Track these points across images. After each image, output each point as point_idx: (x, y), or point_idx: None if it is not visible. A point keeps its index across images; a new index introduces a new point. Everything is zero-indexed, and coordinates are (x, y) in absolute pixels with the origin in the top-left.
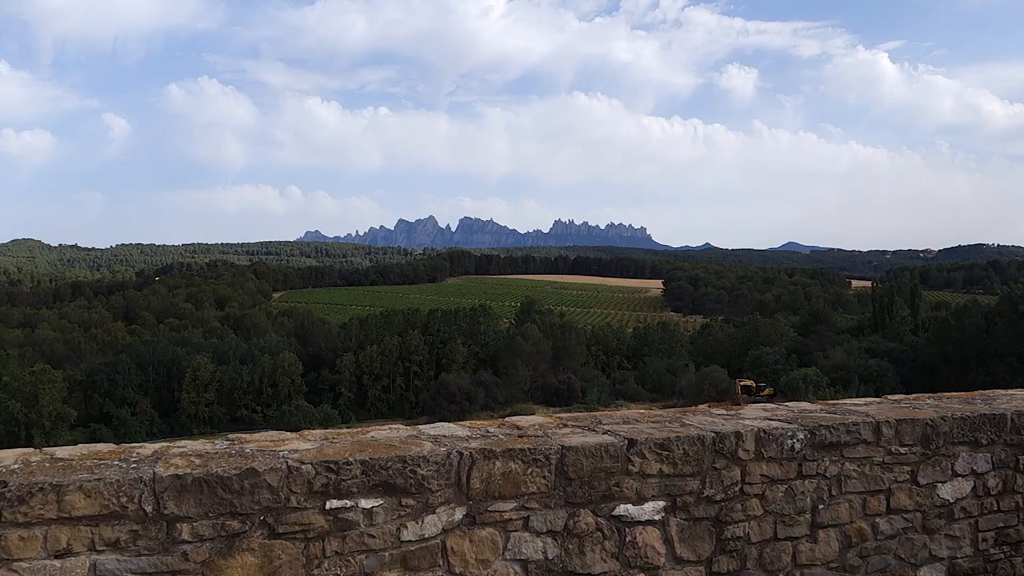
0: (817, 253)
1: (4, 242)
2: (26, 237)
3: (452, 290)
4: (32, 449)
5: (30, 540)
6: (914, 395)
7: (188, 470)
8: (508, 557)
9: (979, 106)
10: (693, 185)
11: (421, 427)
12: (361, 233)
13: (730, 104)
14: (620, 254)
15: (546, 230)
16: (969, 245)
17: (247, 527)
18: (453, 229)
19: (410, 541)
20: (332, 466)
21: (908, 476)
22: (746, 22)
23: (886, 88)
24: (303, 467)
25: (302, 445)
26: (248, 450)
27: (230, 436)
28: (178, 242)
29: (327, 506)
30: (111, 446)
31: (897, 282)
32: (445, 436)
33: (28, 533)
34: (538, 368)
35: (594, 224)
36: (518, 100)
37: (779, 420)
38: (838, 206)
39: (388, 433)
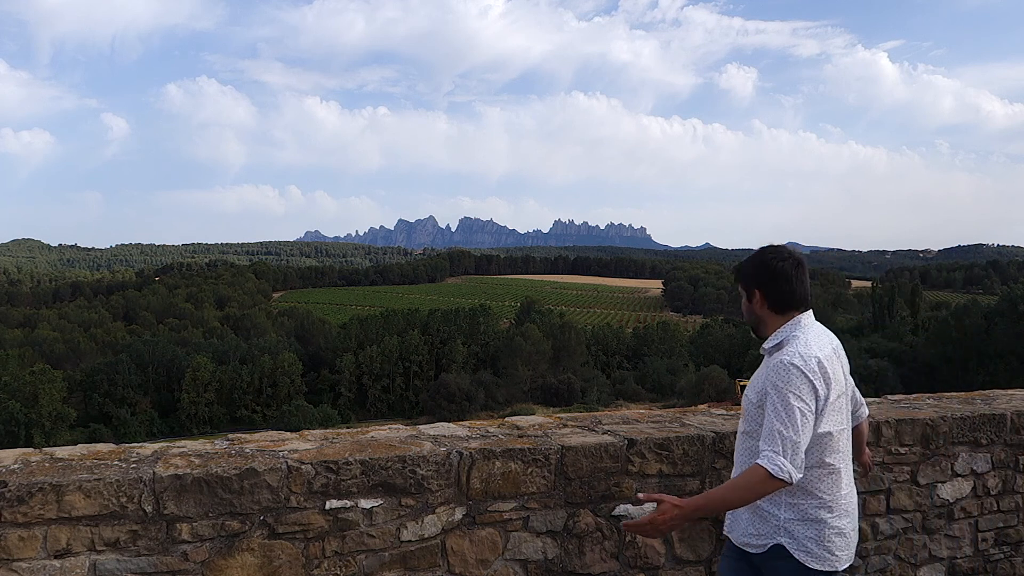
0: (817, 253)
1: (4, 242)
2: (26, 237)
3: (452, 290)
4: (32, 449)
5: (30, 540)
6: (914, 395)
7: (188, 470)
8: (508, 557)
9: (979, 106)
10: (693, 185)
11: (421, 427)
12: (361, 233)
13: (729, 104)
14: (620, 254)
15: (546, 230)
16: (969, 245)
17: (247, 527)
18: (453, 229)
19: (410, 541)
20: (332, 466)
21: (908, 476)
22: (745, 22)
23: (886, 88)
24: (303, 467)
25: (302, 445)
26: (248, 450)
27: (230, 436)
28: (178, 242)
29: (327, 506)
30: (111, 446)
31: (897, 282)
32: (445, 436)
33: (28, 533)
34: (538, 368)
35: (594, 224)
36: (517, 100)
37: None
38: (838, 206)
39: (388, 433)
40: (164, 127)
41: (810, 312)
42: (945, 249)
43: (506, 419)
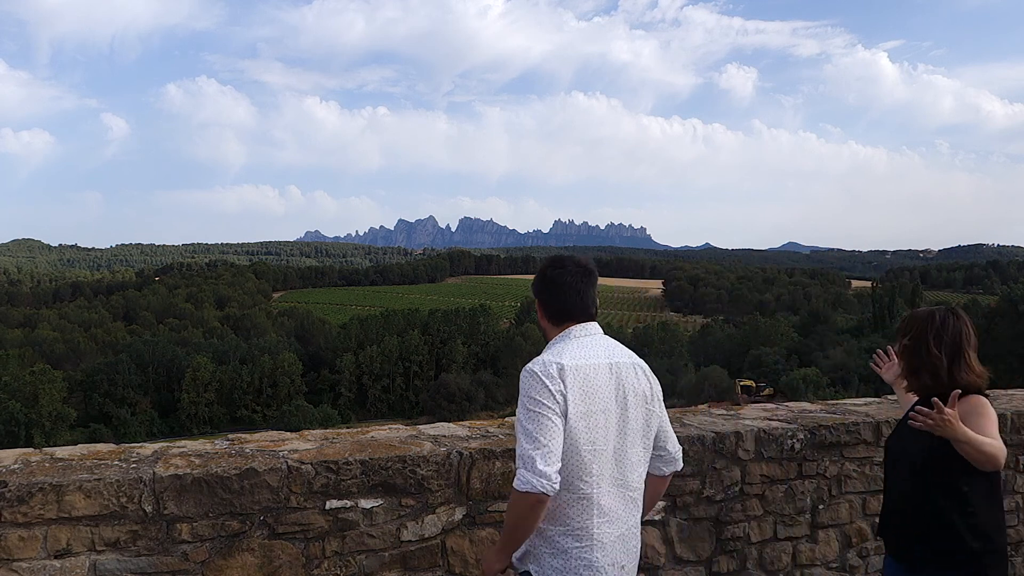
0: (817, 253)
1: (4, 242)
2: (26, 237)
3: (452, 290)
4: (32, 449)
5: (30, 540)
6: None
7: (188, 470)
8: None
9: (979, 106)
10: (693, 185)
11: (421, 427)
12: (361, 233)
13: (729, 104)
14: (620, 254)
15: (546, 230)
16: (969, 245)
17: (247, 527)
18: (453, 229)
19: (410, 541)
20: (332, 466)
21: None
22: (745, 21)
23: (885, 88)
24: (303, 467)
25: (302, 445)
26: (248, 450)
27: (230, 436)
28: (178, 242)
29: (327, 506)
30: (111, 446)
31: (897, 282)
32: (445, 436)
33: (28, 533)
34: None
35: (594, 224)
36: (517, 100)
37: (779, 420)
38: (838, 206)
39: (388, 433)
40: (164, 127)
41: (589, 325)
42: (945, 249)
43: (506, 419)
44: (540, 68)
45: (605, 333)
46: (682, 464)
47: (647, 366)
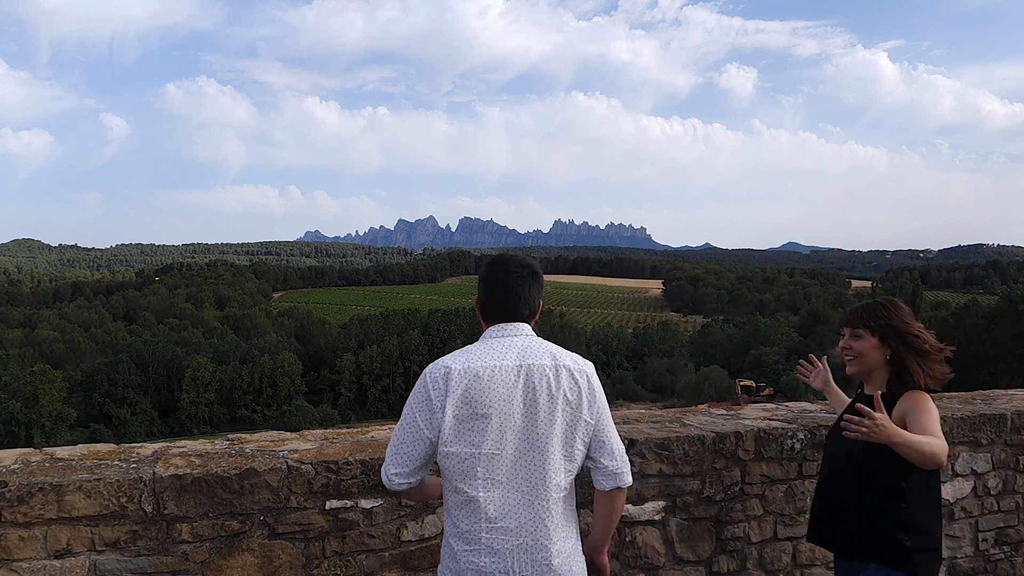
0: (817, 253)
1: (4, 242)
2: (26, 237)
3: (452, 290)
4: (32, 449)
5: (30, 540)
6: None
7: (188, 470)
8: None
9: (979, 105)
10: (693, 185)
11: None
12: (361, 233)
13: (729, 104)
14: (620, 254)
15: (546, 230)
16: (969, 245)
17: (247, 527)
18: (453, 229)
19: (410, 541)
20: (332, 466)
21: None
22: (745, 21)
23: (885, 88)
24: (303, 467)
25: (302, 445)
26: (248, 450)
27: (230, 436)
28: (178, 242)
29: (327, 506)
30: (111, 446)
31: (897, 282)
32: None
33: (28, 533)
34: None
35: (594, 224)
36: (517, 100)
37: (779, 420)
38: (838, 206)
39: (388, 433)
40: (164, 127)
41: (511, 325)
42: (945, 249)
43: None
44: (540, 68)
45: (604, 333)
46: (630, 480)
47: (586, 369)
